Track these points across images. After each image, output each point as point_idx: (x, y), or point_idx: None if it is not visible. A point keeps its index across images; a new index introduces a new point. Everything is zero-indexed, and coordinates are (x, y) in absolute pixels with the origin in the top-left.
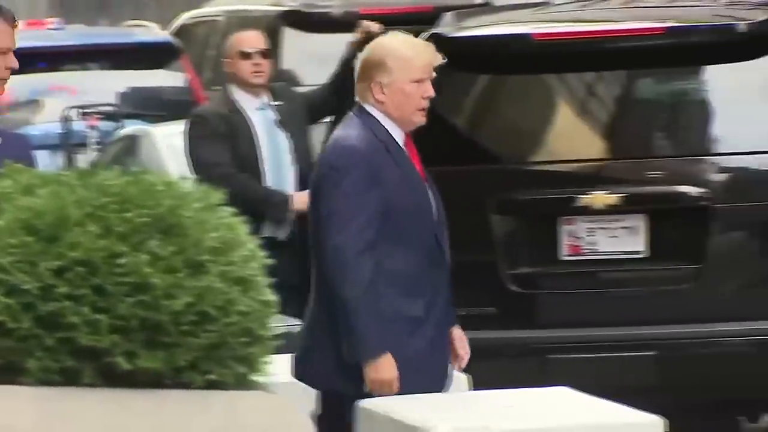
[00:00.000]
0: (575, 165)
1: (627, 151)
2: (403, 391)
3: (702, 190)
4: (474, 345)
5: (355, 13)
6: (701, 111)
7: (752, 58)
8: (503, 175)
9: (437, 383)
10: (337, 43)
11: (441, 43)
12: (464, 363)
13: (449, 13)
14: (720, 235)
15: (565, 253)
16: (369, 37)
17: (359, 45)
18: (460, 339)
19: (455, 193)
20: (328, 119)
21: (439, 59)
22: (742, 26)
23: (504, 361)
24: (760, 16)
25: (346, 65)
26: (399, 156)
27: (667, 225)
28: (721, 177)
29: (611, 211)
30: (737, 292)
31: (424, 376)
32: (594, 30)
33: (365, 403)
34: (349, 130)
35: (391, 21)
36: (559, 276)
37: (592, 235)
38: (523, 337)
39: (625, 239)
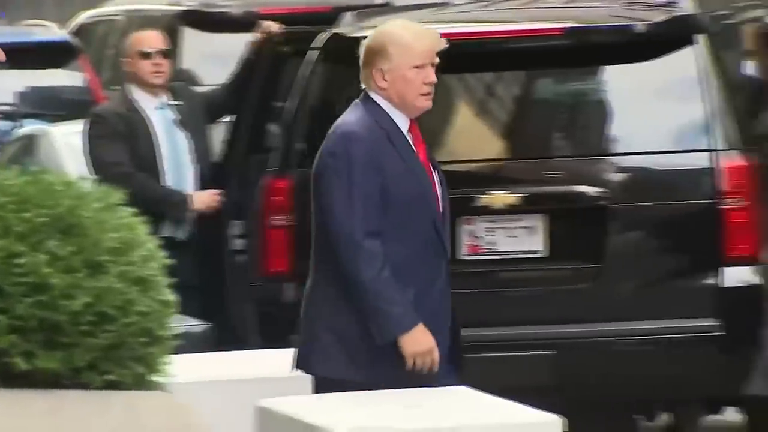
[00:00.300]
0: (475, 165)
1: (526, 151)
2: (391, 378)
3: (600, 190)
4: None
5: (255, 13)
6: (600, 111)
7: (650, 59)
8: None
9: (425, 378)
10: (237, 43)
11: (341, 43)
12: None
13: (349, 13)
14: (618, 235)
15: (464, 253)
16: (269, 37)
17: (259, 45)
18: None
19: None
20: (227, 119)
21: (442, 44)
22: (640, 27)
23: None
24: (657, 16)
25: (246, 65)
26: (401, 144)
27: (566, 225)
28: (620, 177)
29: (510, 210)
30: (635, 292)
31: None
32: (493, 30)
33: (265, 403)
34: (351, 117)
35: (291, 21)
36: (458, 275)
37: (492, 235)
38: None
39: (524, 239)
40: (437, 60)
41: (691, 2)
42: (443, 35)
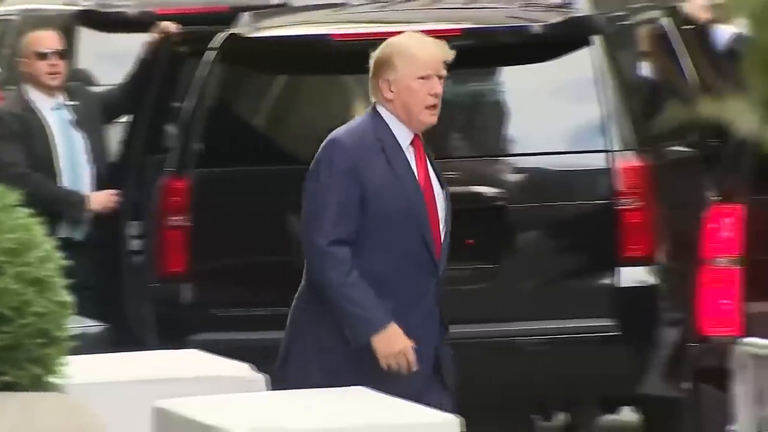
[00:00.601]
0: None
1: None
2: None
3: (498, 190)
4: (272, 345)
5: (152, 13)
6: (497, 112)
7: (547, 60)
8: (301, 175)
9: (404, 389)
10: (134, 43)
11: (238, 43)
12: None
13: (246, 13)
14: (516, 235)
15: None
16: (166, 37)
17: (156, 45)
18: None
19: (253, 194)
20: (124, 119)
21: (449, 55)
22: (536, 28)
23: None
24: (554, 18)
25: (143, 65)
26: (395, 157)
27: (464, 226)
28: (517, 177)
29: None
30: (533, 292)
31: (385, 377)
32: (392, 31)
33: (163, 404)
34: (347, 126)
35: (188, 21)
36: None
37: None
38: None
39: None
40: (444, 72)
41: (587, 3)
42: (339, 36)
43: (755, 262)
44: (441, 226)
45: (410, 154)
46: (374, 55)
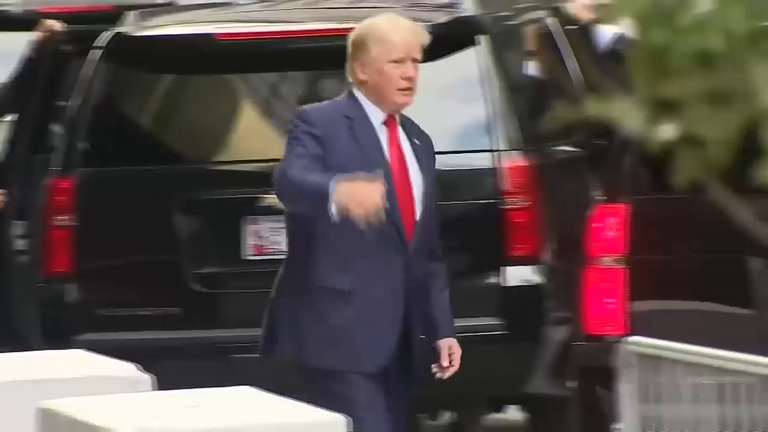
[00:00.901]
0: (260, 165)
1: None
2: (320, 365)
3: None
4: (158, 345)
5: (36, 12)
6: None
7: (433, 60)
8: (187, 175)
9: (363, 363)
10: (18, 41)
11: (124, 42)
12: (445, 374)
13: (132, 12)
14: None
15: (249, 253)
16: (51, 35)
17: (41, 43)
18: (447, 349)
19: (139, 193)
20: (9, 118)
21: (424, 39)
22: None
23: (189, 361)
24: (440, 18)
25: (28, 64)
26: (363, 135)
27: None
28: None
29: None
30: None
31: (345, 352)
32: (278, 30)
33: (47, 404)
34: (319, 103)
35: (73, 19)
36: (244, 276)
37: (276, 235)
38: (208, 337)
39: None
40: (419, 56)
41: (473, 3)
42: (224, 35)
43: (640, 261)
44: (416, 206)
45: (383, 134)
46: (350, 37)
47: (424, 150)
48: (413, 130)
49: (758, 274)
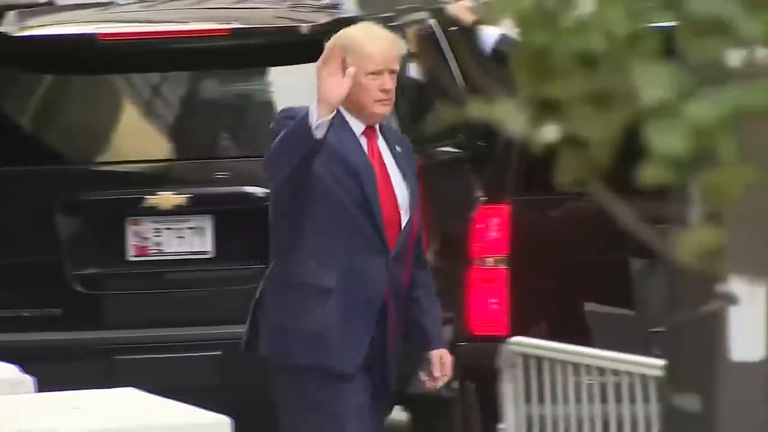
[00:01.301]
0: (142, 166)
1: (194, 152)
2: (299, 363)
3: (267, 190)
4: (40, 346)
5: None
6: (267, 112)
7: (315, 60)
8: (69, 175)
9: (341, 363)
10: None
11: (3, 43)
12: (437, 384)
13: (12, 12)
14: None
15: (131, 254)
16: None
17: None
18: (439, 360)
19: (20, 194)
20: None
21: (401, 50)
22: (304, 28)
23: (71, 363)
24: (322, 18)
25: None
26: (345, 138)
27: (233, 225)
28: None
29: (178, 211)
30: None
31: (323, 351)
32: (160, 30)
33: None
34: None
35: None
36: (126, 277)
37: (159, 236)
38: (90, 338)
39: (191, 240)
40: (397, 67)
41: (355, 4)
42: (106, 35)
43: (523, 262)
44: (401, 213)
45: (363, 143)
46: (327, 46)
47: (405, 157)
48: (392, 137)
49: (639, 275)
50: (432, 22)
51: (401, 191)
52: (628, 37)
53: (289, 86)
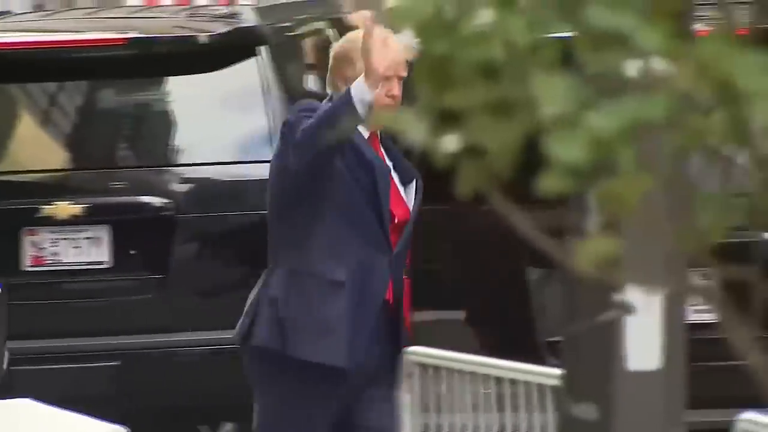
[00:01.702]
0: (38, 176)
1: (91, 161)
2: (301, 356)
3: (165, 200)
4: None
5: None
6: (165, 122)
7: (214, 70)
8: None
9: (346, 358)
10: None
11: None
12: None
13: None
14: (183, 246)
15: (28, 264)
16: None
17: None
18: None
19: None
20: None
21: (411, 56)
22: (202, 38)
23: None
24: (220, 28)
25: None
26: (357, 137)
27: (131, 235)
28: (185, 187)
29: (75, 221)
30: (200, 302)
31: (330, 345)
32: (57, 40)
33: None
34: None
35: None
36: (23, 287)
37: (56, 246)
38: None
39: (88, 250)
40: (405, 72)
41: (253, 14)
42: (2, 45)
43: (422, 272)
44: (410, 211)
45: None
46: (334, 49)
47: (402, 163)
48: (389, 144)
49: (537, 285)
50: (331, 32)
51: (406, 193)
52: (528, 47)
53: (187, 95)
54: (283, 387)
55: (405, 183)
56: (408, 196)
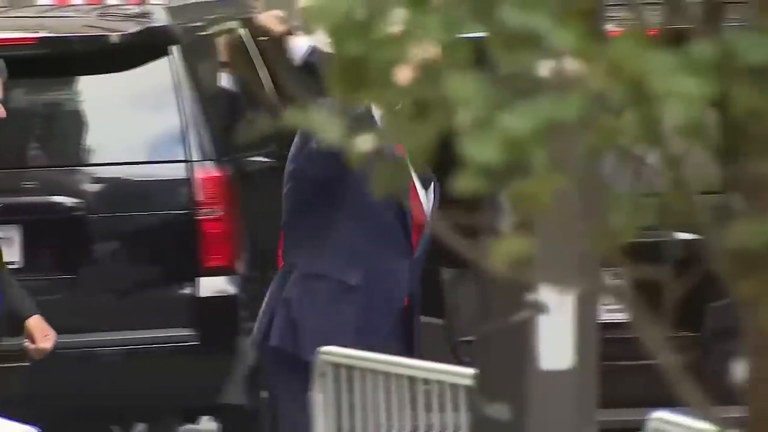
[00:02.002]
0: None
1: (1, 161)
2: (308, 361)
3: (76, 200)
4: None
5: None
6: (76, 121)
7: (125, 69)
8: None
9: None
10: None
11: None
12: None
13: None
14: (95, 246)
15: None
16: None
17: None
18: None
19: None
20: None
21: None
22: (113, 37)
23: None
24: (131, 27)
25: None
26: None
27: (42, 235)
28: (96, 187)
29: None
30: (112, 302)
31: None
32: None
33: None
34: None
35: None
36: None
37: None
38: None
39: None
40: None
41: (165, 13)
42: None
43: None
44: (425, 218)
45: None
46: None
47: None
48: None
49: (449, 284)
50: (242, 31)
51: (421, 194)
52: (443, 47)
53: (98, 95)
54: (296, 386)
55: (425, 187)
56: (427, 199)
